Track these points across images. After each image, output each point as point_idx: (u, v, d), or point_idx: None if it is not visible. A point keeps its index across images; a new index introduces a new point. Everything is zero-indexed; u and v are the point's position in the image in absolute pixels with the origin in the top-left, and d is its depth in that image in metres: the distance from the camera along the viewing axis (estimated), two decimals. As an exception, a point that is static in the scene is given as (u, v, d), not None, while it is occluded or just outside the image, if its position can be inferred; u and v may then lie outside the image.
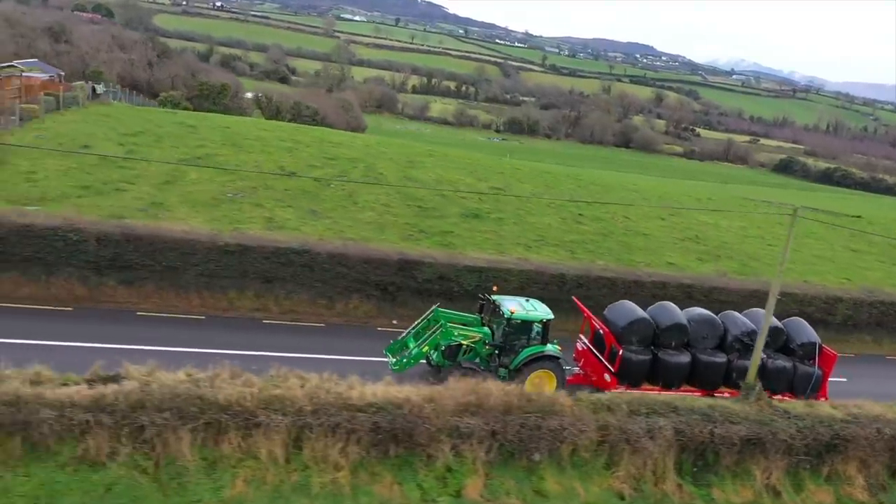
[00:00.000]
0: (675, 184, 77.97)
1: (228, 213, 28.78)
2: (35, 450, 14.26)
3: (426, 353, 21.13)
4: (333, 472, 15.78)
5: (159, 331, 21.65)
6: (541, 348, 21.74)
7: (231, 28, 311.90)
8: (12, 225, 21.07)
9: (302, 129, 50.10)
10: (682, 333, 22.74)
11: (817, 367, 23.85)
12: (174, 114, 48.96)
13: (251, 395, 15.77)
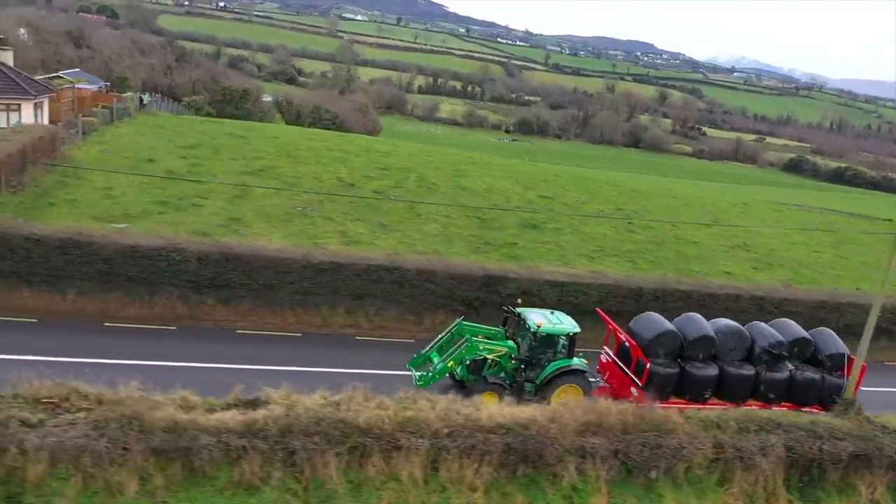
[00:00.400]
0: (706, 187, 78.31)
1: (304, 228, 29.19)
2: (193, 475, 14.65)
3: (451, 367, 20.64)
4: (469, 492, 16.18)
5: (260, 348, 22.05)
6: (567, 362, 21.43)
7: (235, 29, 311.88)
8: (118, 245, 21.42)
9: (346, 138, 50.50)
10: (710, 345, 22.30)
11: (846, 379, 23.21)
12: (221, 123, 49.29)
13: (388, 417, 16.16)
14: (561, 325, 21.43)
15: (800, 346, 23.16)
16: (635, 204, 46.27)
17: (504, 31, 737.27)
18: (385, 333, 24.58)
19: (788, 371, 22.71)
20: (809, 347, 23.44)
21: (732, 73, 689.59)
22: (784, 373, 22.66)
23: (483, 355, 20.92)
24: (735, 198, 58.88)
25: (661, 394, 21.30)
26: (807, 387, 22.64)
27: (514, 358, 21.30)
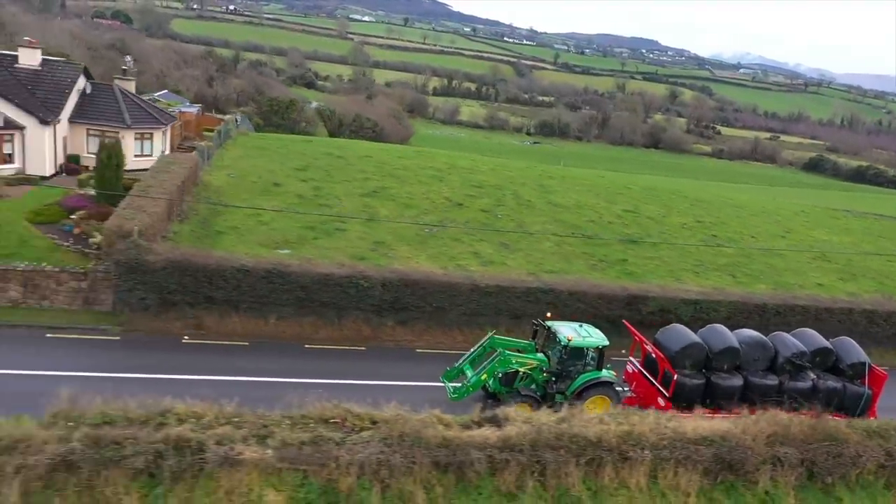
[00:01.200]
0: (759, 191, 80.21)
1: (440, 250, 31.38)
2: (463, 484, 16.85)
3: (484, 380, 21.34)
4: (684, 498, 18.38)
5: (440, 366, 24.23)
6: (596, 374, 22.26)
7: (246, 32, 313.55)
8: (315, 274, 23.62)
9: (425, 154, 52.60)
10: (734, 356, 22.92)
11: (867, 387, 24.00)
12: (309, 142, 51.43)
13: (612, 431, 18.36)
14: (590, 339, 22.37)
15: (822, 355, 24.04)
16: (709, 216, 48.37)
17: (508, 30, 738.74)
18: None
19: (811, 380, 23.51)
20: (831, 357, 24.22)
21: (738, 69, 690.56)
22: (807, 382, 23.48)
23: (515, 368, 21.72)
24: (794, 205, 60.98)
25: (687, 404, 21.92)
26: (829, 395, 23.21)
27: (545, 370, 22.10)
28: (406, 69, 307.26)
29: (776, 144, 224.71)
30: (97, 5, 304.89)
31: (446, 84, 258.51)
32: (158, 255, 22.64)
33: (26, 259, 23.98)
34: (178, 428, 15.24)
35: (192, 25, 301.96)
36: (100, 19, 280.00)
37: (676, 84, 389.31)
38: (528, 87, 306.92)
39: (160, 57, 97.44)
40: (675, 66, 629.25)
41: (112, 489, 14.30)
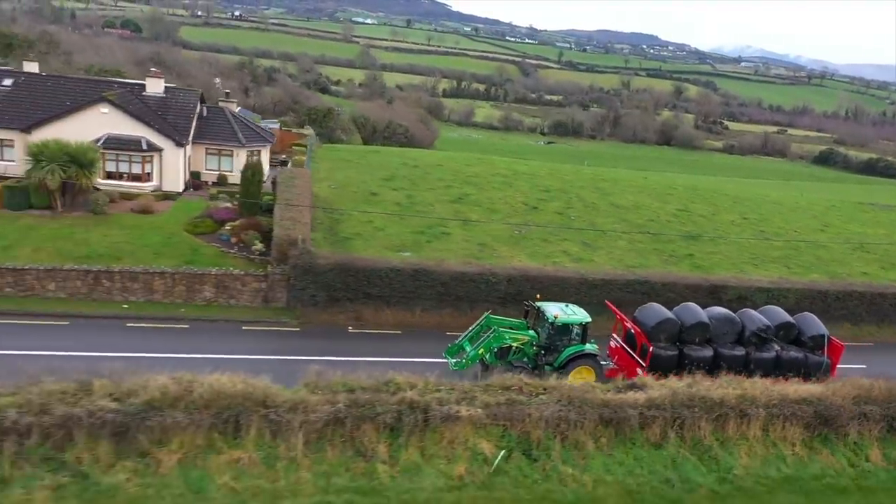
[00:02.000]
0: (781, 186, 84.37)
1: (535, 249, 35.65)
2: (619, 436, 21.06)
3: (481, 354, 24.08)
4: (791, 447, 22.59)
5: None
6: (581, 347, 24.92)
7: (253, 38, 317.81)
8: (452, 272, 27.91)
9: (486, 161, 56.79)
10: (705, 330, 25.82)
11: (826, 357, 26.94)
12: (378, 152, 55.73)
13: (731, 394, 22.61)
14: (575, 316, 25.08)
15: (785, 329, 26.97)
16: (752, 213, 52.59)
17: (508, 28, 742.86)
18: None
19: (775, 351, 26.38)
20: (794, 330, 27.17)
21: (740, 62, 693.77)
22: (771, 353, 26.41)
23: (508, 343, 24.48)
24: (824, 200, 65.14)
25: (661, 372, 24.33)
26: (791, 364, 26.21)
27: (535, 345, 24.91)
28: (413, 71, 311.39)
29: (785, 138, 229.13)
30: (106, 14, 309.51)
31: (455, 86, 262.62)
32: (327, 259, 26.99)
33: (199, 265, 28.26)
34: (409, 393, 19.51)
35: (200, 33, 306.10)
36: (110, 29, 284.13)
37: (681, 80, 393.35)
38: (534, 87, 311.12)
39: (199, 69, 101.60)
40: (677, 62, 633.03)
41: (368, 439, 18.56)
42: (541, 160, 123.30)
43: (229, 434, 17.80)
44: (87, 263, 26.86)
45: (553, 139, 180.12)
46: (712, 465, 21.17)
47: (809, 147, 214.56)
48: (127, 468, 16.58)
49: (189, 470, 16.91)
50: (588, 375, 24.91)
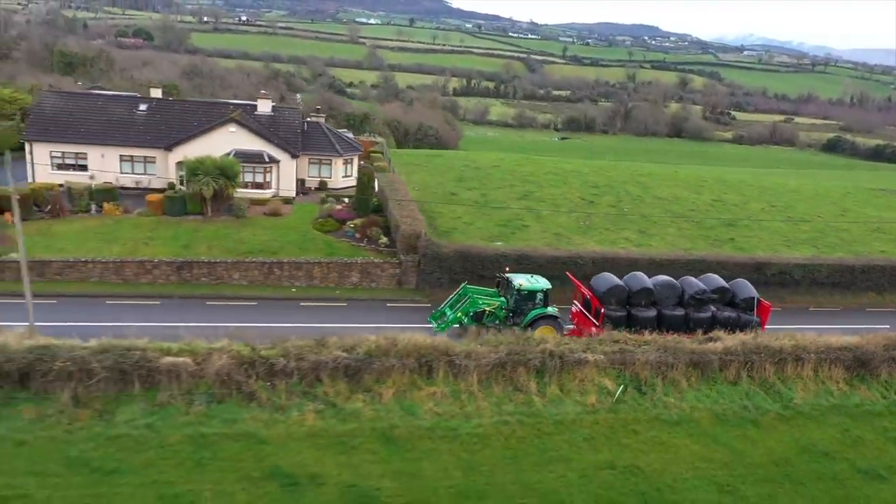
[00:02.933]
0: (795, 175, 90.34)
1: (601, 237, 42.00)
2: (704, 376, 27.36)
3: (459, 318, 29.12)
4: (835, 384, 28.89)
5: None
6: (542, 310, 29.82)
7: (262, 42, 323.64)
8: (548, 256, 34.40)
9: (534, 161, 63.15)
10: (649, 295, 30.62)
11: (756, 316, 31.81)
12: (440, 156, 62.06)
13: (787, 343, 28.95)
14: (537, 284, 30.04)
15: (720, 293, 31.78)
16: (778, 201, 58.85)
17: (509, 24, 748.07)
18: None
19: (711, 312, 31.29)
20: (728, 294, 31.98)
21: (742, 51, 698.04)
22: (707, 313, 31.30)
23: (482, 308, 29.63)
24: (839, 188, 71.34)
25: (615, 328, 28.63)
26: (725, 322, 30.93)
27: (504, 308, 30.10)
28: (421, 70, 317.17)
29: (792, 127, 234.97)
30: (117, 24, 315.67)
31: (465, 84, 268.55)
32: (449, 248, 33.41)
33: (338, 256, 34.67)
34: (548, 344, 25.90)
35: (211, 39, 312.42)
36: (123, 38, 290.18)
37: (685, 71, 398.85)
38: (541, 83, 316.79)
39: (238, 78, 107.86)
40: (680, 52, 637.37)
41: (522, 379, 24.94)
42: (560, 156, 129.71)
43: (424, 375, 24.23)
44: (254, 257, 33.27)
45: (567, 135, 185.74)
46: (776, 397, 27.48)
47: (817, 135, 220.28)
48: (359, 399, 23.01)
49: (402, 400, 23.32)
50: (550, 332, 29.43)
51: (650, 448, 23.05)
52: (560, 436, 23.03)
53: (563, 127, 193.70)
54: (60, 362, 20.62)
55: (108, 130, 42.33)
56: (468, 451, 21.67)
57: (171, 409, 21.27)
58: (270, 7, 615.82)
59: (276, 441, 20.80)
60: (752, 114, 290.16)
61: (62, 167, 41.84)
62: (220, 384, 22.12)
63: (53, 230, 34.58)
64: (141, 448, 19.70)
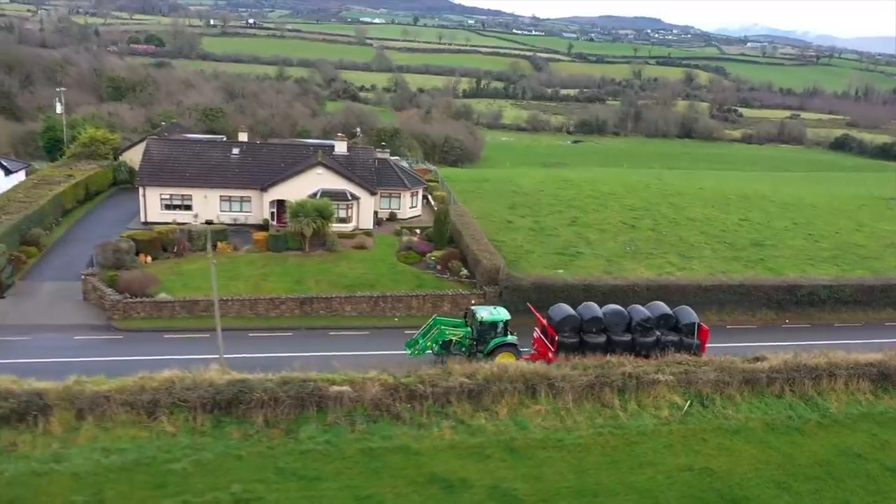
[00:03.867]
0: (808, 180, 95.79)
1: (647, 262, 47.55)
2: (753, 391, 32.95)
3: (430, 346, 33.66)
4: (863, 395, 34.45)
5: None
6: (503, 339, 34.27)
7: (271, 45, 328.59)
8: (610, 286, 39.98)
9: (573, 184, 68.63)
10: (599, 323, 34.89)
11: (696, 339, 36.09)
12: (487, 180, 67.59)
13: (822, 361, 34.54)
14: (498, 316, 34.29)
15: (665, 319, 36.02)
16: (799, 217, 64.40)
17: (511, 19, 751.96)
18: (739, 323, 42.99)
19: (655, 336, 35.55)
20: (672, 319, 36.15)
21: (746, 43, 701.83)
22: (652, 337, 35.60)
23: (449, 337, 34.05)
24: (853, 199, 76.82)
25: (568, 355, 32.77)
26: (669, 345, 35.24)
27: (469, 338, 34.42)
28: (429, 71, 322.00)
29: (799, 123, 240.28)
30: (128, 29, 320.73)
31: (475, 86, 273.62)
32: (527, 280, 39.14)
33: (426, 288, 40.37)
34: (627, 367, 31.55)
35: (221, 43, 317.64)
36: (135, 45, 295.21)
37: (690, 66, 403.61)
38: (548, 81, 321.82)
39: (270, 97, 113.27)
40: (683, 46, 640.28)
41: (607, 396, 30.57)
42: (579, 160, 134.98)
43: (530, 395, 29.90)
44: (356, 290, 39.01)
45: (579, 137, 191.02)
46: (815, 408, 33.11)
47: (825, 132, 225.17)
48: (481, 416, 28.68)
49: (515, 416, 29.00)
50: (510, 359, 33.55)
51: (717, 453, 28.69)
52: (644, 444, 28.68)
53: (575, 129, 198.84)
54: (257, 393, 26.30)
55: (208, 174, 48.03)
56: (575, 457, 27.34)
57: (339, 429, 26.96)
58: (273, 6, 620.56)
59: (427, 452, 26.48)
60: (758, 110, 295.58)
61: (169, 207, 47.56)
62: (373, 407, 27.82)
63: (182, 269, 40.30)
64: (328, 459, 25.39)
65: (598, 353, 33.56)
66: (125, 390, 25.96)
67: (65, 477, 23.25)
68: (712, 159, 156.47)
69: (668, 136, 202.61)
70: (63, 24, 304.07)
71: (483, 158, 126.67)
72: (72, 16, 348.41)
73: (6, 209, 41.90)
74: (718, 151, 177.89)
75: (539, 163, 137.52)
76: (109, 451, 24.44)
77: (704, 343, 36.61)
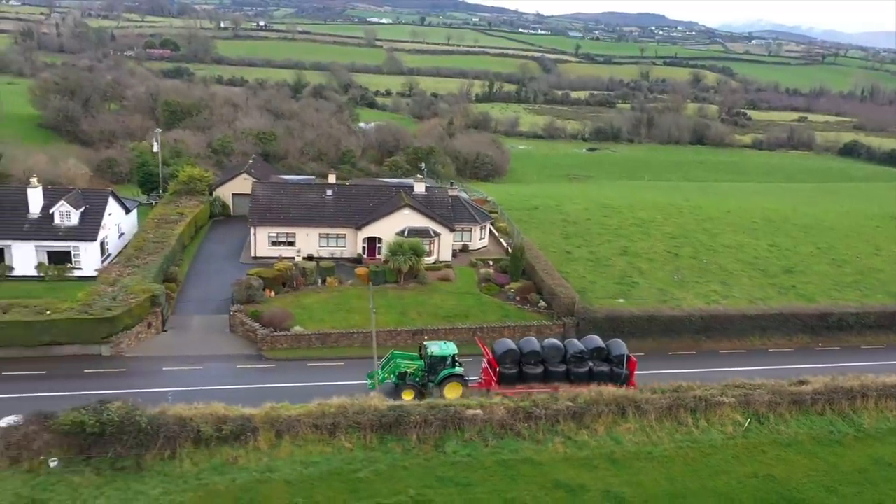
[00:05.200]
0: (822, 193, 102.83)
1: (695, 290, 54.57)
2: (800, 409, 39.98)
3: (387, 377, 38.62)
4: (891, 411, 41.43)
5: (725, 361, 47.43)
6: (451, 370, 38.86)
7: (282, 49, 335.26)
8: (669, 316, 46.94)
9: (616, 211, 75.55)
10: (537, 355, 39.95)
11: (626, 369, 40.81)
12: (536, 208, 74.48)
13: (856, 385, 41.52)
14: (447, 350, 38.97)
15: (598, 351, 41.05)
16: (822, 241, 71.34)
17: (516, 16, 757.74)
18: (778, 347, 50.03)
19: (588, 367, 40.48)
20: (604, 352, 41.15)
21: (751, 40, 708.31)
22: (585, 367, 40.49)
23: (404, 370, 38.97)
24: (869, 219, 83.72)
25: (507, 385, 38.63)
26: (600, 375, 40.20)
27: (421, 370, 39.16)
28: (439, 73, 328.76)
29: (808, 126, 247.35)
30: (142, 33, 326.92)
31: (488, 90, 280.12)
32: (600, 312, 46.32)
33: (512, 319, 47.39)
34: (697, 391, 38.58)
35: (234, 46, 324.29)
36: (151, 49, 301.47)
37: (697, 67, 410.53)
38: (557, 83, 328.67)
39: (312, 116, 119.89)
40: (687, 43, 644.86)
41: (682, 415, 37.57)
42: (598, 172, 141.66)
43: (619, 415, 36.90)
44: (454, 322, 46.09)
45: (594, 145, 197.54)
46: (851, 423, 40.16)
47: (833, 136, 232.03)
48: (584, 433, 35.69)
49: (610, 433, 36.01)
50: (457, 387, 38.93)
51: (776, 462, 35.76)
52: (716, 455, 35.75)
53: (590, 136, 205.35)
54: (413, 416, 33.36)
55: (309, 214, 55.15)
56: (664, 467, 34.40)
57: (475, 444, 34.00)
58: (278, 5, 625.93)
59: (547, 463, 33.53)
60: (766, 112, 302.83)
61: (275, 244, 54.54)
62: (499, 426, 34.87)
63: (302, 302, 47.32)
64: (472, 469, 32.43)
65: (536, 383, 39.76)
66: (311, 414, 33.02)
67: (280, 484, 30.32)
68: (727, 169, 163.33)
69: (681, 143, 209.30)
70: (80, 28, 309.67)
71: (510, 171, 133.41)
72: (84, 19, 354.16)
73: (145, 249, 48.84)
74: (731, 159, 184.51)
75: (562, 174, 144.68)
76: (307, 464, 31.52)
77: (633, 373, 41.42)
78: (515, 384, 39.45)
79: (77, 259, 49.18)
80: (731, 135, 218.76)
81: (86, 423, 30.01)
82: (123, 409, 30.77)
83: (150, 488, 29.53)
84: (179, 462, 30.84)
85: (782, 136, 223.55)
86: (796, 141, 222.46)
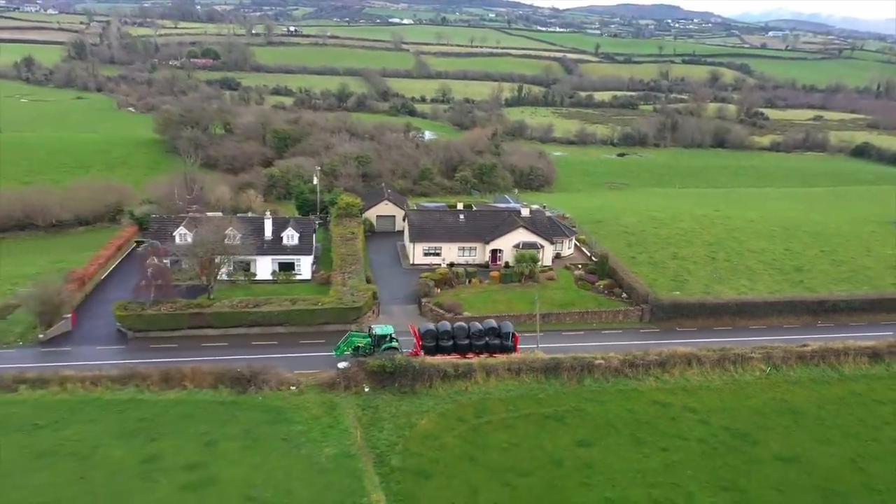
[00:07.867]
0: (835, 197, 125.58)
1: (729, 286, 77.73)
2: (802, 361, 63.04)
3: (345, 349, 57.86)
4: (867, 366, 64.44)
5: (750, 335, 70.62)
6: (389, 344, 58.16)
7: (314, 55, 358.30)
8: (737, 302, 70.23)
9: (660, 223, 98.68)
10: (449, 334, 58.82)
11: (511, 342, 59.68)
12: (599, 221, 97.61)
13: (842, 346, 64.58)
14: (386, 329, 59.42)
15: (493, 330, 60.30)
16: (824, 244, 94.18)
17: (531, 11, 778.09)
18: (790, 324, 73.14)
19: (485, 340, 59.83)
20: (497, 330, 60.27)
21: (767, 31, 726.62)
22: (483, 341, 59.72)
23: (357, 343, 58.74)
24: (867, 224, 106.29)
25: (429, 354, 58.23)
26: (494, 347, 59.76)
27: (369, 344, 58.81)
28: (466, 76, 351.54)
29: (823, 126, 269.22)
30: (183, 41, 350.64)
31: (517, 94, 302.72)
32: (666, 301, 69.60)
33: (606, 306, 70.63)
34: (735, 350, 61.70)
35: (270, 54, 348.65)
36: (195, 59, 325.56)
37: (715, 64, 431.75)
38: (579, 84, 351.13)
39: (389, 137, 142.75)
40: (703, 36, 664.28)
41: (727, 364, 60.79)
42: (633, 180, 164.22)
43: (687, 365, 60.06)
44: (569, 308, 69.32)
45: (623, 150, 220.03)
46: (836, 370, 63.65)
47: (847, 136, 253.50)
48: (666, 375, 58.92)
49: (682, 375, 59.20)
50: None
51: (786, 393, 58.96)
52: (748, 389, 59.00)
53: (619, 142, 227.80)
54: (566, 362, 56.76)
55: (449, 232, 78.70)
56: (717, 394, 57.63)
57: (601, 381, 57.25)
58: (297, 4, 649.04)
59: (646, 391, 56.95)
60: (783, 110, 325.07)
61: (426, 254, 78.11)
62: (615, 371, 58.13)
63: (460, 296, 70.70)
64: (602, 395, 55.69)
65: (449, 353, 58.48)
66: (504, 363, 56.49)
67: (494, 401, 53.72)
68: (748, 173, 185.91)
69: (703, 146, 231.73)
70: (126, 39, 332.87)
71: (556, 181, 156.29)
72: (122, 27, 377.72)
73: (348, 260, 72.37)
74: (751, 163, 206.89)
75: (600, 181, 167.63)
76: (506, 390, 54.96)
77: (517, 345, 60.58)
78: (435, 354, 58.18)
79: (299, 267, 72.63)
80: (749, 137, 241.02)
81: (385, 366, 53.60)
82: (404, 359, 54.37)
83: (423, 402, 53.07)
84: (435, 389, 54.41)
85: (798, 137, 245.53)
86: (811, 142, 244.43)
